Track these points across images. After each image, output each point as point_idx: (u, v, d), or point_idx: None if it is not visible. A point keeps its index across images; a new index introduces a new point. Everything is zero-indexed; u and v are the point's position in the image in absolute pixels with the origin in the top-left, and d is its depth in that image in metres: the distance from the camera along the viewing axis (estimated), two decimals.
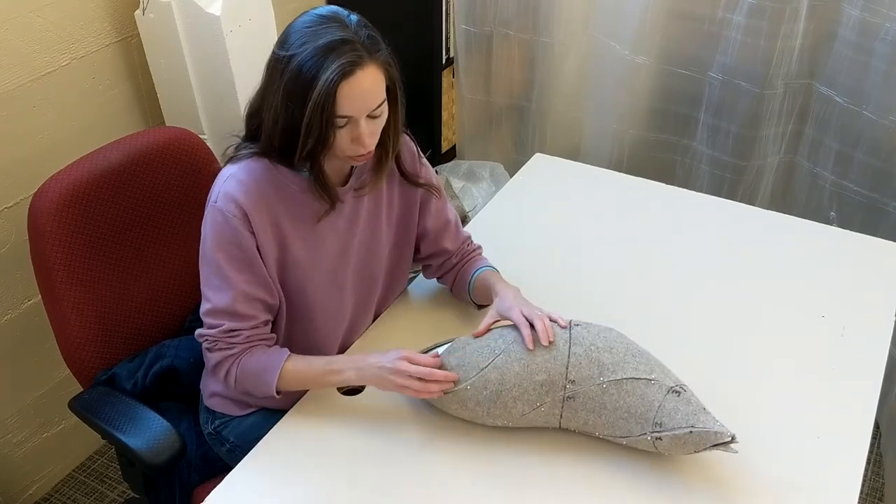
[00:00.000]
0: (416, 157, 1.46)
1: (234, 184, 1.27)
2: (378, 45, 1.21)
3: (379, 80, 1.21)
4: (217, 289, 1.29)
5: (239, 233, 1.26)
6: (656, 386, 1.21)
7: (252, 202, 1.26)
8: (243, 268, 1.28)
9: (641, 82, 2.47)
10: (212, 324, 1.31)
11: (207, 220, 1.29)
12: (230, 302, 1.28)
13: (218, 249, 1.27)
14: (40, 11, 1.74)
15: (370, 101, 1.20)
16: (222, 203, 1.26)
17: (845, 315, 1.54)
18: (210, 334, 1.31)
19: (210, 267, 1.29)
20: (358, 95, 1.18)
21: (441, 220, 1.52)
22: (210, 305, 1.30)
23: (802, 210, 2.38)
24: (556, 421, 1.26)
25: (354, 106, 1.19)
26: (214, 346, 1.31)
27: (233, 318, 1.29)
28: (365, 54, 1.17)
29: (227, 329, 1.30)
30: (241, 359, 1.31)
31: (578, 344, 1.25)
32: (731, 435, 1.16)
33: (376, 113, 1.22)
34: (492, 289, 1.43)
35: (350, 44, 1.17)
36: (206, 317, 1.31)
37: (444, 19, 2.73)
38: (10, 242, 1.84)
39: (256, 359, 1.31)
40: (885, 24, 2.01)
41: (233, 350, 1.31)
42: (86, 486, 2.17)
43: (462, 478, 1.24)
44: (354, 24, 1.20)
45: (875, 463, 2.22)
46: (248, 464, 1.27)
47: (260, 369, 1.31)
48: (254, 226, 1.27)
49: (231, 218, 1.26)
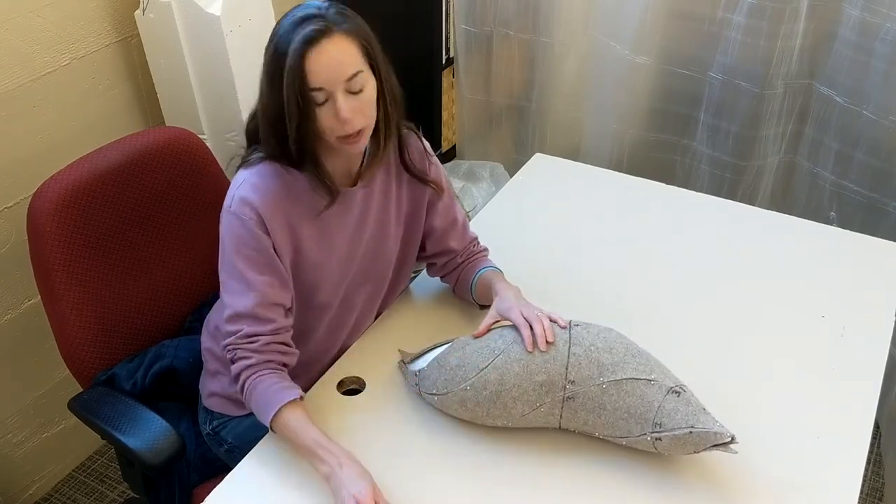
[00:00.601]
0: (425, 154, 1.46)
1: (247, 188, 1.27)
2: (346, 18, 1.21)
3: (349, 49, 1.19)
4: (237, 293, 1.27)
5: (256, 235, 1.26)
6: (656, 386, 1.21)
7: (266, 204, 1.26)
8: (263, 269, 1.27)
9: (641, 82, 2.47)
10: (231, 330, 1.28)
11: (224, 225, 1.28)
12: (250, 305, 1.26)
13: (236, 253, 1.27)
14: (40, 11, 1.74)
15: (340, 70, 1.18)
16: (237, 207, 1.26)
17: (845, 315, 1.54)
18: (230, 342, 1.28)
19: (229, 272, 1.28)
20: (325, 64, 1.17)
21: (448, 218, 1.52)
22: (231, 311, 1.28)
23: (802, 210, 2.38)
24: (555, 421, 1.26)
25: (324, 75, 1.18)
26: (235, 356, 1.28)
27: (252, 322, 1.27)
28: (331, 24, 1.18)
29: (245, 334, 1.27)
30: (256, 375, 1.26)
31: (578, 344, 1.25)
32: (730, 435, 1.16)
33: (354, 86, 1.20)
34: (492, 288, 1.43)
35: (315, 18, 1.18)
36: (227, 324, 1.29)
37: (444, 19, 2.73)
38: (9, 242, 1.84)
39: (266, 387, 1.26)
40: (885, 24, 2.00)
41: (250, 360, 1.27)
42: (86, 486, 2.17)
43: (462, 478, 1.24)
44: (325, 7, 1.21)
45: (875, 463, 2.22)
46: (247, 464, 1.27)
47: (264, 401, 1.25)
48: (269, 228, 1.27)
49: (247, 221, 1.26)
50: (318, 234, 1.34)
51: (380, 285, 1.50)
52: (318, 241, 1.34)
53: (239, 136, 1.97)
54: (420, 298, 1.62)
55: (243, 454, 1.29)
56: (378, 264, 1.46)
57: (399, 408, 1.36)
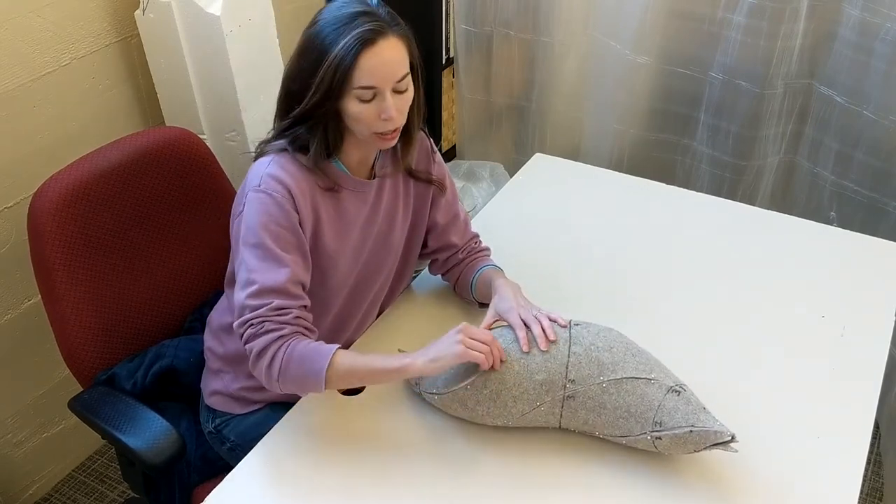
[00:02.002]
0: (430, 153, 1.47)
1: (276, 168, 1.27)
2: (396, 19, 1.24)
3: (401, 51, 1.23)
4: (265, 270, 1.24)
5: (286, 211, 1.26)
6: (656, 385, 1.21)
7: (296, 183, 1.27)
8: (290, 248, 1.27)
9: (642, 82, 2.47)
10: (257, 304, 1.23)
11: (251, 205, 1.26)
12: (282, 280, 1.23)
13: (265, 230, 1.25)
14: (40, 11, 1.74)
15: (394, 70, 1.21)
16: (267, 185, 1.26)
17: (845, 315, 1.54)
18: (257, 315, 1.22)
19: (255, 249, 1.25)
20: (380, 64, 1.20)
21: (450, 213, 1.53)
22: (256, 287, 1.23)
23: (802, 210, 2.38)
24: (556, 421, 1.26)
25: (377, 76, 1.20)
26: (261, 329, 1.22)
27: (283, 297, 1.23)
28: (386, 25, 1.21)
29: (275, 306, 1.22)
30: (290, 343, 1.22)
31: (578, 343, 1.25)
32: (731, 434, 1.16)
33: (401, 87, 1.24)
34: (492, 286, 1.43)
35: (370, 15, 1.20)
36: (252, 298, 1.23)
37: (444, 19, 2.73)
38: (10, 242, 1.84)
39: (305, 346, 1.22)
40: (885, 24, 2.01)
41: (283, 330, 1.22)
42: (86, 486, 2.17)
43: (463, 478, 1.24)
44: (375, 4, 1.24)
45: (875, 463, 2.22)
46: (247, 464, 1.27)
47: (309, 356, 1.21)
48: (298, 206, 1.27)
49: (278, 197, 1.25)
50: (335, 221, 1.35)
51: (385, 280, 1.50)
52: (335, 227, 1.35)
53: (239, 136, 1.97)
54: (421, 297, 1.62)
55: (245, 452, 1.29)
56: (385, 257, 1.47)
57: (399, 408, 1.36)
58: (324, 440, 1.30)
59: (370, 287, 1.47)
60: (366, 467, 1.25)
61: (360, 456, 1.27)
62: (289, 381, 1.23)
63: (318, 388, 1.22)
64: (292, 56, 1.27)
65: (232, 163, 1.93)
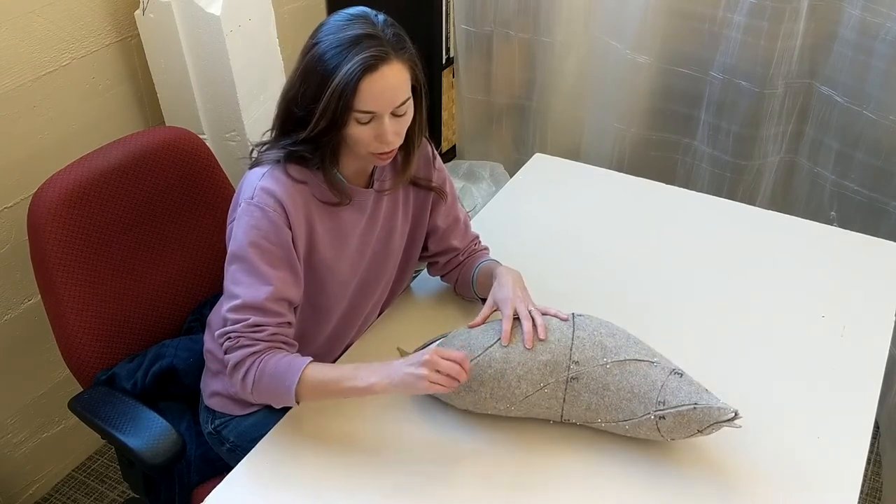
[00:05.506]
0: (430, 159, 1.47)
1: (270, 180, 1.27)
2: (404, 43, 1.22)
3: (403, 77, 1.22)
4: (248, 285, 1.25)
5: (277, 227, 1.25)
6: (658, 367, 1.23)
7: (289, 197, 1.26)
8: (278, 264, 1.26)
9: (642, 81, 2.47)
10: (236, 318, 1.25)
11: (241, 217, 1.27)
12: (261, 298, 1.24)
13: (252, 245, 1.25)
14: (40, 11, 1.74)
15: (394, 97, 1.21)
16: (260, 198, 1.25)
17: (845, 315, 1.54)
18: (234, 329, 1.25)
19: (241, 264, 1.26)
20: (381, 91, 1.19)
21: (450, 217, 1.53)
22: (238, 301, 1.25)
23: (802, 210, 2.38)
24: (558, 406, 1.25)
25: (378, 101, 1.19)
26: (236, 344, 1.25)
27: (260, 314, 1.25)
28: (390, 50, 1.19)
29: (251, 323, 1.25)
30: (263, 358, 1.24)
31: (582, 329, 1.27)
32: (733, 411, 1.16)
33: (401, 111, 1.23)
34: (492, 274, 1.43)
35: (375, 39, 1.18)
36: (232, 312, 1.26)
37: (444, 19, 2.73)
38: (10, 242, 1.84)
39: (277, 361, 1.24)
40: (886, 24, 2.00)
41: (256, 346, 1.24)
42: (86, 486, 2.17)
43: (463, 477, 1.24)
44: (381, 23, 1.21)
45: (875, 463, 2.22)
46: (247, 464, 1.27)
47: (280, 372, 1.23)
48: (291, 221, 1.27)
49: (270, 212, 1.25)
50: (332, 233, 1.34)
51: (384, 284, 1.50)
52: (331, 239, 1.34)
53: (239, 135, 1.97)
54: (421, 297, 1.62)
55: (245, 453, 1.29)
56: (384, 265, 1.47)
57: (399, 407, 1.36)
58: (323, 441, 1.30)
59: (371, 293, 1.47)
60: (365, 467, 1.25)
61: (360, 456, 1.27)
62: (262, 394, 1.26)
63: (290, 402, 1.24)
64: (294, 76, 1.25)
65: (232, 163, 1.93)
